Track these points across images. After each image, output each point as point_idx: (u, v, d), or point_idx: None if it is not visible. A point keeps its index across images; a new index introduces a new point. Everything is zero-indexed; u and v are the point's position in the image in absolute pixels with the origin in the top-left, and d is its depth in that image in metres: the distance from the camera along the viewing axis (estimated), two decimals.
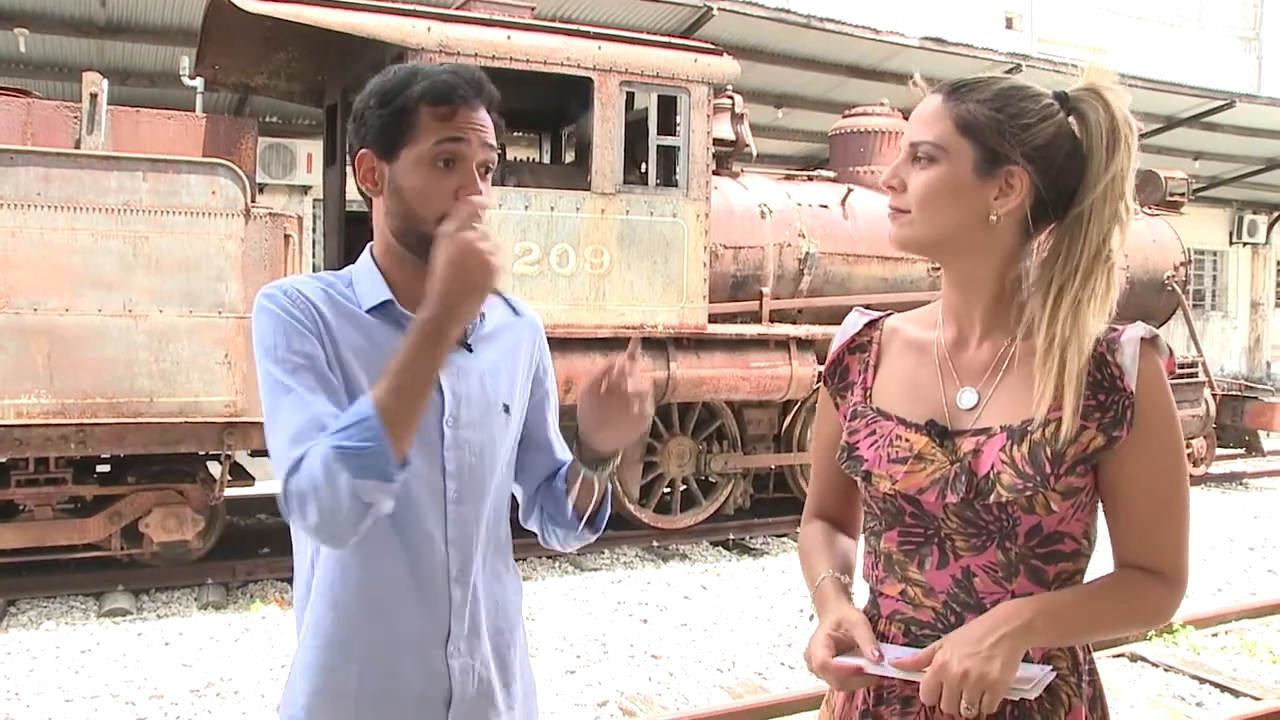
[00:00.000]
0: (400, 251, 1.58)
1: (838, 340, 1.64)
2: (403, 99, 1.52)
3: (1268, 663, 5.35)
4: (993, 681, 1.28)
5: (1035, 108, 1.41)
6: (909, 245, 1.46)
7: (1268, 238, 20.66)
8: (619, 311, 6.95)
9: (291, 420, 1.43)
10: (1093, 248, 1.39)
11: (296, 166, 12.27)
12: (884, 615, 1.51)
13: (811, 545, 1.63)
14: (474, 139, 1.52)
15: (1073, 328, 1.36)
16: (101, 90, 6.01)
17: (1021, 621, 1.33)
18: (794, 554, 7.72)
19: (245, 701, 4.69)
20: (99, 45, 10.34)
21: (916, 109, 1.47)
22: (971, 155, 1.40)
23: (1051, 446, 1.37)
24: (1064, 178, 1.41)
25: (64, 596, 6.25)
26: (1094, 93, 1.42)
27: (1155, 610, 1.43)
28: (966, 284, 1.48)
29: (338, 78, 7.64)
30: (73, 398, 5.62)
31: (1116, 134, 1.40)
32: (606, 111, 6.85)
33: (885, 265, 8.40)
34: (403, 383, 1.39)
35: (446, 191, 1.51)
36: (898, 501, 1.48)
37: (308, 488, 1.36)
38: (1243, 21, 22.96)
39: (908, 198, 1.43)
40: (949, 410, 1.47)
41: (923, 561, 1.47)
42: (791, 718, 4.46)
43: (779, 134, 13.43)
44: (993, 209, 1.41)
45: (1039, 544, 1.41)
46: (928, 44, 11.54)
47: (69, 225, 5.58)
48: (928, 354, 1.53)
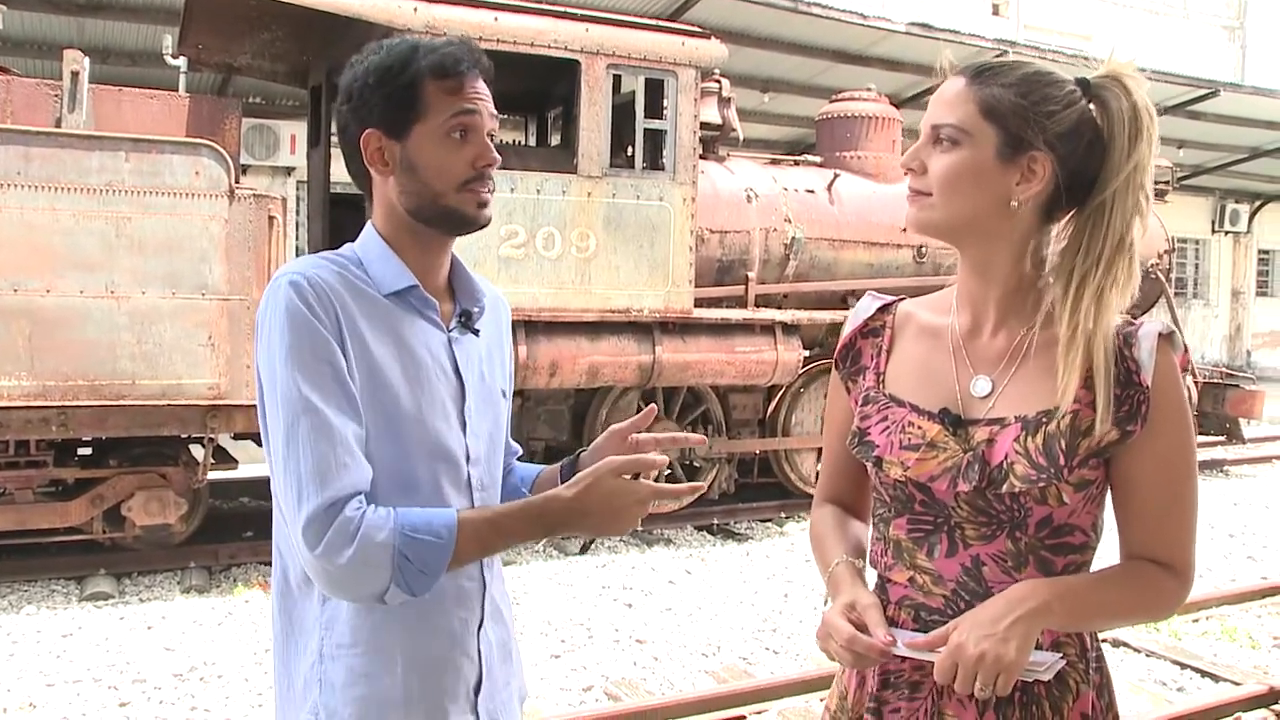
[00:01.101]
0: (416, 228, 1.56)
1: (850, 324, 1.63)
2: (408, 75, 1.50)
3: (1247, 648, 5.40)
4: (1008, 663, 1.28)
5: (1059, 94, 1.40)
6: (928, 228, 1.45)
7: (1249, 227, 20.79)
8: (605, 295, 6.93)
9: (319, 446, 1.39)
10: (1115, 237, 1.38)
11: (280, 148, 12.21)
12: (893, 601, 1.51)
13: (824, 529, 1.63)
14: (482, 109, 1.53)
15: (1096, 318, 1.36)
16: (83, 68, 5.93)
17: (1037, 603, 1.33)
18: (778, 539, 7.75)
19: (229, 685, 4.67)
20: (79, 23, 10.24)
21: (938, 91, 1.46)
22: (995, 140, 1.40)
23: (1067, 439, 1.37)
24: (1084, 165, 1.41)
25: (45, 580, 6.21)
26: (1116, 80, 1.41)
27: (1164, 601, 1.43)
28: (983, 269, 1.48)
29: (322, 58, 7.57)
30: (54, 380, 5.56)
31: (1139, 123, 1.39)
32: (593, 94, 6.82)
33: (871, 250, 8.41)
34: (491, 543, 1.46)
35: (464, 161, 1.52)
36: (908, 488, 1.47)
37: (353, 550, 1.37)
38: (1227, 10, 23.05)
39: (928, 180, 1.43)
40: (962, 398, 1.47)
41: (932, 549, 1.47)
42: (776, 702, 4.47)
43: (765, 119, 13.43)
44: (1014, 194, 1.40)
45: (1049, 535, 1.41)
46: (914, 29, 11.53)
47: (50, 205, 5.51)
48: (941, 340, 1.52)
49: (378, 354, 1.49)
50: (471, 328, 1.61)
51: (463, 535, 1.40)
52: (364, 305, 1.51)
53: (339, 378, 1.43)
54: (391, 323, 1.52)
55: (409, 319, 1.54)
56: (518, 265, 6.65)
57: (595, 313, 6.91)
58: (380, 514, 1.39)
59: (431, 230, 1.56)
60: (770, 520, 8.25)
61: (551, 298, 6.76)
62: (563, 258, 6.81)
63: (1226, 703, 4.48)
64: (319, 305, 1.44)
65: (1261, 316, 22.07)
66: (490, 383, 1.63)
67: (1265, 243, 21.97)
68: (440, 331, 1.57)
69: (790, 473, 8.41)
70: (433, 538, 1.39)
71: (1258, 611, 5.98)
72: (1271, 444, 12.54)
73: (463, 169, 1.52)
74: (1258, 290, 21.98)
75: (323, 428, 1.39)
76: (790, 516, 8.35)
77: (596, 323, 6.95)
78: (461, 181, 1.52)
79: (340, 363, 1.44)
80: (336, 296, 1.48)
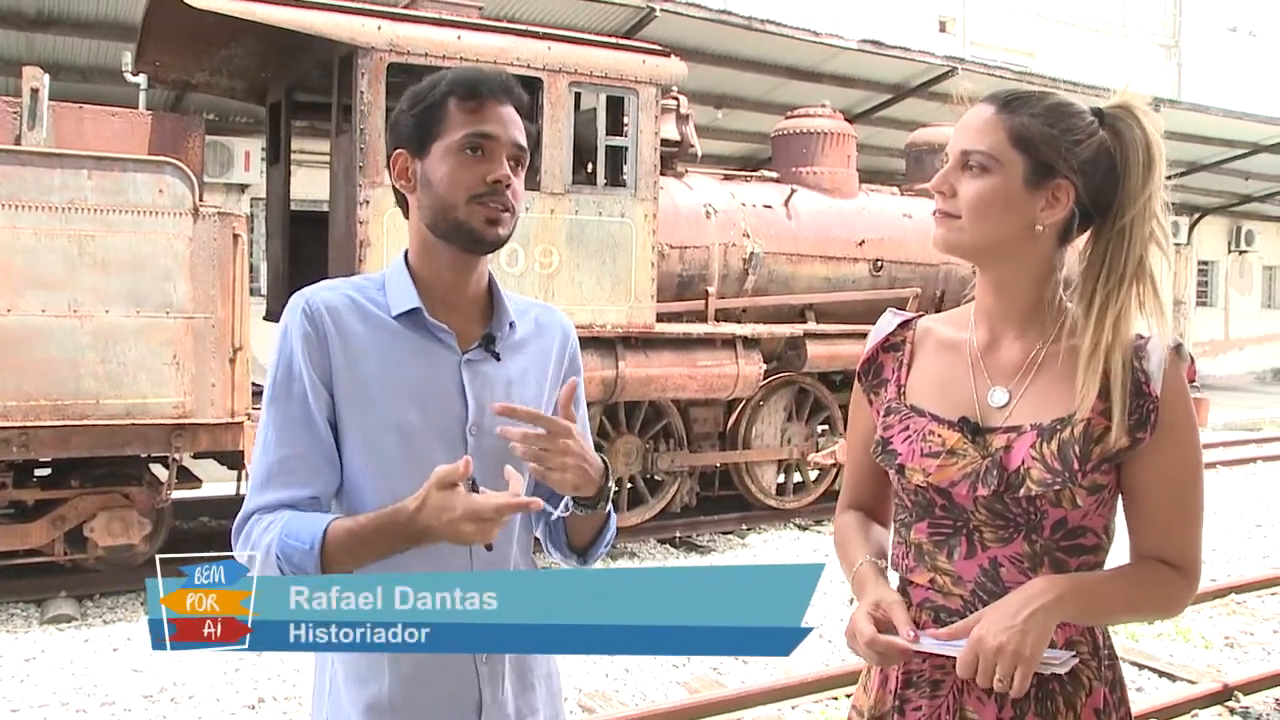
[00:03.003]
0: (434, 244, 1.61)
1: (873, 339, 1.70)
2: (433, 95, 1.57)
3: (1201, 648, 5.56)
4: (1026, 657, 1.36)
5: (1082, 124, 1.49)
6: (955, 249, 1.53)
7: (1189, 238, 21.31)
8: (568, 310, 6.79)
9: (264, 460, 1.54)
10: (1135, 260, 1.47)
11: (234, 164, 12.11)
12: (915, 603, 1.58)
13: (848, 533, 1.70)
14: (502, 131, 1.57)
15: (1115, 335, 1.45)
16: (43, 85, 5.89)
17: (1053, 596, 1.41)
18: (740, 550, 7.82)
19: (200, 705, 4.64)
20: (28, 38, 10.08)
21: (965, 117, 1.53)
22: (1023, 167, 1.48)
23: (1080, 445, 1.45)
24: (1101, 192, 1.49)
25: (4, 604, 6.11)
26: (1128, 111, 1.50)
27: (1172, 599, 1.52)
28: (1003, 288, 1.56)
29: (282, 75, 7.56)
30: (15, 400, 5.49)
31: (1151, 153, 1.49)
32: (555, 112, 6.87)
33: (828, 265, 8.53)
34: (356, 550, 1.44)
35: (477, 176, 1.55)
36: (929, 494, 1.55)
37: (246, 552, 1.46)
38: (1163, 30, 23.64)
39: (958, 203, 1.50)
40: (980, 408, 1.55)
41: (951, 552, 1.54)
42: (748, 712, 4.54)
43: (719, 134, 13.53)
44: (1039, 219, 1.49)
45: (1063, 537, 1.49)
46: (866, 46, 11.71)
47: (11, 224, 5.45)
48: (960, 354, 1.60)
49: (369, 375, 1.55)
50: (493, 351, 1.63)
51: (329, 542, 1.43)
52: (370, 327, 1.57)
53: (303, 406, 1.54)
54: (396, 344, 1.57)
55: (417, 341, 1.58)
56: None
57: None
58: (275, 519, 1.47)
59: (451, 247, 1.60)
60: (732, 532, 8.32)
61: None
62: (526, 274, 6.85)
63: (1183, 701, 4.66)
64: (312, 329, 1.54)
65: (1202, 326, 22.65)
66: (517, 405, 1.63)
67: (1204, 254, 22.57)
68: (453, 354, 1.60)
69: (751, 485, 8.49)
70: (300, 544, 1.43)
71: (1209, 613, 6.16)
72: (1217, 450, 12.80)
73: (473, 182, 1.55)
74: (1198, 300, 22.55)
75: (272, 445, 1.54)
76: (751, 528, 8.43)
77: None
78: (471, 195, 1.55)
79: (309, 390, 1.54)
80: (335, 320, 1.55)
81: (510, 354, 1.67)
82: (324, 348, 1.54)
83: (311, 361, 1.55)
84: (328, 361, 1.55)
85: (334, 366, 1.55)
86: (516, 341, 1.69)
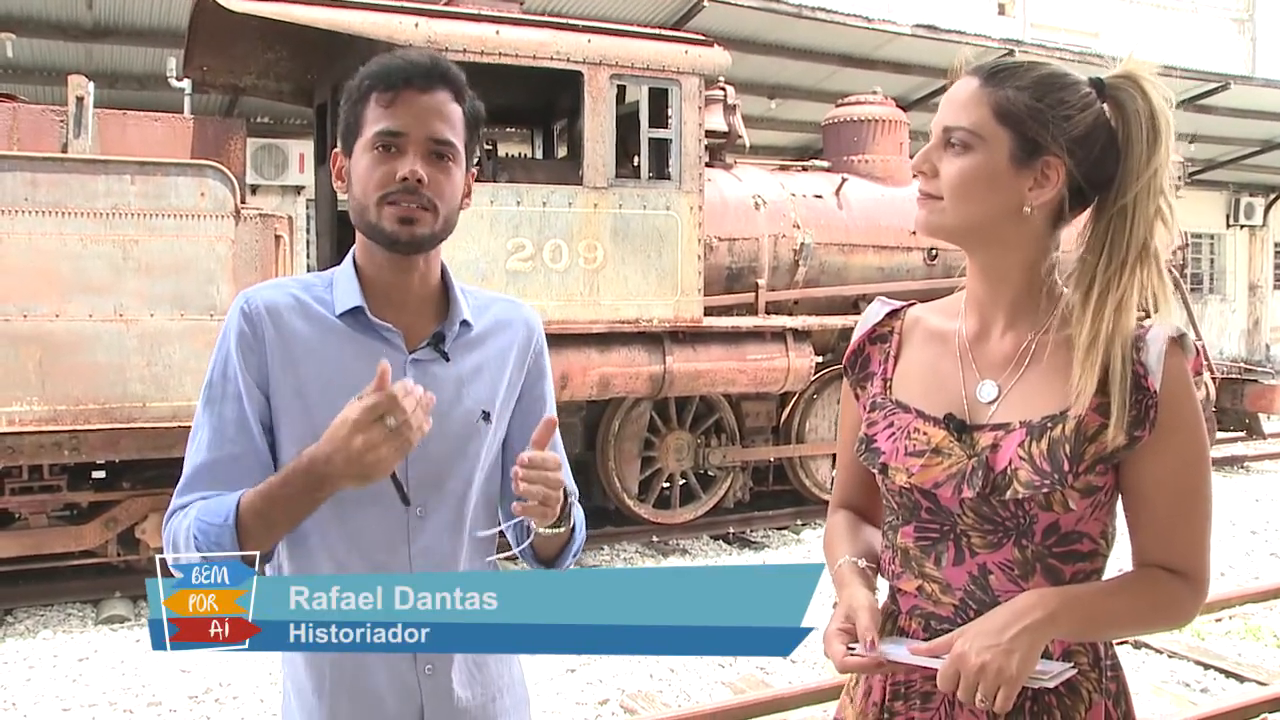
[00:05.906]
0: (369, 245, 1.56)
1: (859, 330, 1.60)
2: (358, 91, 1.52)
3: (1272, 647, 5.33)
4: (1010, 677, 1.25)
5: (1074, 97, 1.37)
6: (938, 232, 1.42)
7: (1265, 220, 20.62)
8: (614, 306, 6.91)
9: (194, 461, 1.50)
10: (1139, 243, 1.35)
11: (289, 167, 12.23)
12: (904, 611, 1.49)
13: (835, 535, 1.61)
14: (413, 125, 1.48)
15: (1115, 324, 1.33)
16: (88, 93, 5.96)
17: (1043, 613, 1.30)
18: (794, 546, 7.71)
19: (244, 707, 4.66)
20: (86, 49, 10.29)
21: (949, 91, 1.43)
22: (1009, 144, 1.37)
23: (1072, 444, 1.34)
24: (1099, 169, 1.38)
25: (61, 604, 6.21)
26: (1132, 81, 1.38)
27: (1177, 610, 1.39)
28: (993, 274, 1.45)
29: (327, 76, 7.59)
30: (65, 404, 5.58)
31: (1156, 126, 1.36)
32: (597, 105, 6.81)
33: (881, 254, 8.37)
34: (266, 511, 1.40)
35: (387, 174, 1.48)
36: (914, 495, 1.45)
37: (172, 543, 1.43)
38: (1236, 3, 22.91)
39: (939, 183, 1.39)
40: (968, 403, 1.44)
41: (939, 558, 1.44)
42: (794, 712, 4.44)
43: (772, 125, 13.40)
44: (1027, 200, 1.38)
45: (1056, 543, 1.38)
46: (920, 31, 11.47)
47: (58, 230, 5.54)
48: (949, 345, 1.49)
49: (309, 377, 1.51)
50: (441, 350, 1.56)
51: (243, 511, 1.39)
52: (311, 326, 1.53)
53: (238, 408, 1.50)
54: (340, 344, 1.53)
55: (361, 341, 1.53)
56: (525, 278, 6.64)
57: (604, 324, 6.89)
58: (191, 506, 1.44)
59: (379, 247, 1.54)
60: (786, 528, 8.21)
61: (560, 310, 6.74)
62: (570, 269, 6.80)
63: (1252, 703, 4.42)
64: (249, 329, 1.51)
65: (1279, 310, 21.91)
66: (468, 405, 1.58)
67: None
68: (399, 354, 1.54)
69: (805, 479, 8.37)
70: (215, 519, 1.40)
71: None
72: None
73: (383, 180, 1.48)
74: (1275, 283, 21.79)
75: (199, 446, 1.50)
76: (806, 523, 8.30)
77: (606, 334, 6.93)
78: (382, 194, 1.48)
79: (242, 390, 1.50)
80: (275, 320, 1.51)
81: (462, 352, 1.59)
82: (260, 349, 1.50)
83: (246, 364, 1.50)
84: (265, 363, 1.51)
85: (270, 369, 1.51)
86: (471, 339, 1.61)
